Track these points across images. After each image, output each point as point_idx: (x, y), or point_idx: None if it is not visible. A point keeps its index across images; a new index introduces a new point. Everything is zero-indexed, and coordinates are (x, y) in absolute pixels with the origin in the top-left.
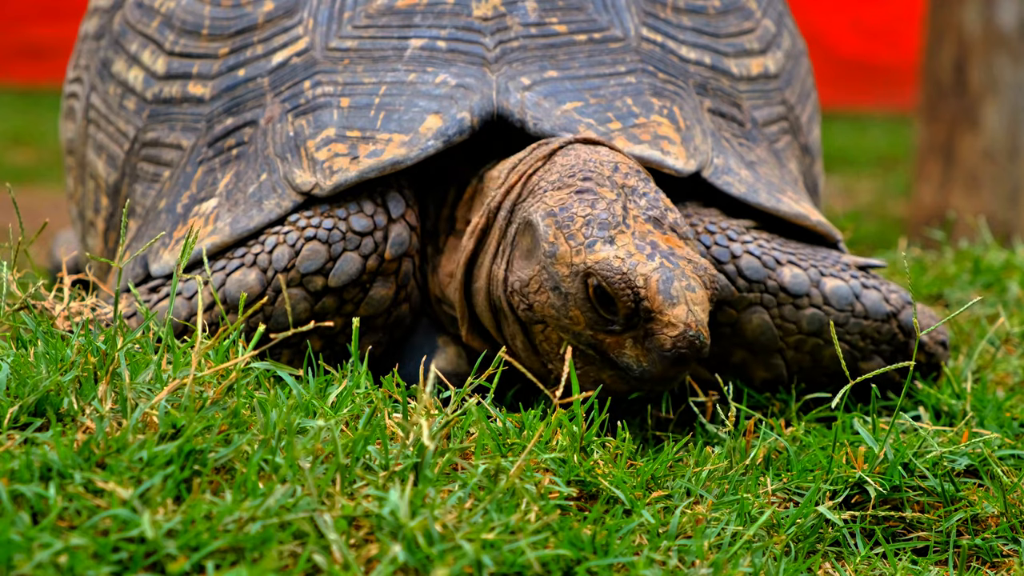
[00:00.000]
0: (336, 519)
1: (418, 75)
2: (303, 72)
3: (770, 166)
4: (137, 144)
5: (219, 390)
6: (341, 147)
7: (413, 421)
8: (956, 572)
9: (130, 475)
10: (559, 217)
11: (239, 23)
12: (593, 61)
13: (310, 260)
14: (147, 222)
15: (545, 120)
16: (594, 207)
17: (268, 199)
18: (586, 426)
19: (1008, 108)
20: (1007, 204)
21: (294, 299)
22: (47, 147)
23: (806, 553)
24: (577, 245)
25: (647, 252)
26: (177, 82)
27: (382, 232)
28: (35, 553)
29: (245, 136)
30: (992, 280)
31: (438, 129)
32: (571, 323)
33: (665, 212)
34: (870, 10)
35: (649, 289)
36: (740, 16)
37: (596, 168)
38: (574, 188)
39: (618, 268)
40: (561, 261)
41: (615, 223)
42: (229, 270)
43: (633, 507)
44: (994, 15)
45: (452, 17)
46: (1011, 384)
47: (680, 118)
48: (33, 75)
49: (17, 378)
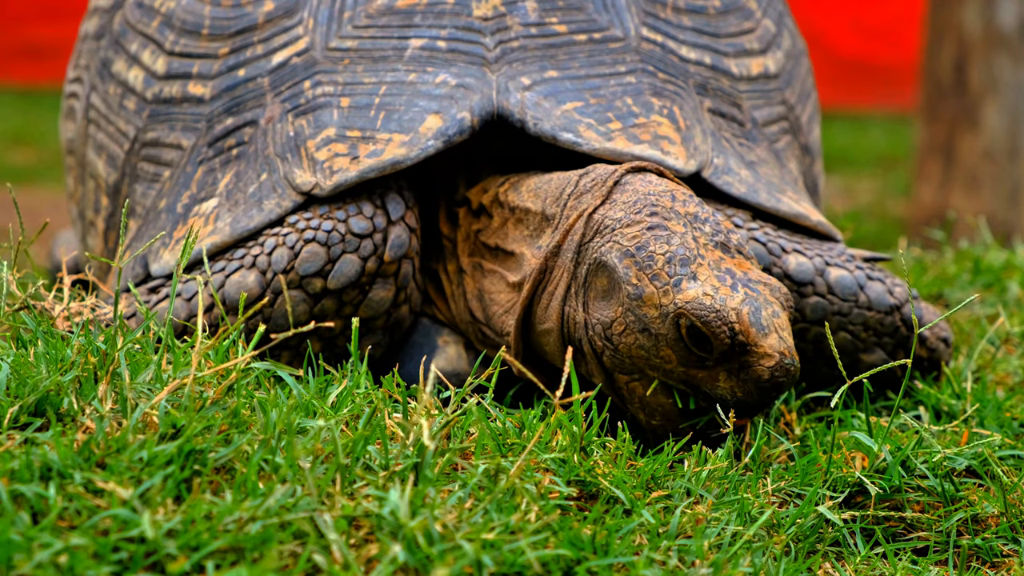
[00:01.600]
0: (336, 519)
1: (418, 75)
2: (303, 72)
3: (770, 166)
4: (137, 144)
5: (219, 390)
6: (341, 147)
7: (413, 421)
8: (956, 572)
9: (130, 475)
10: (638, 257)
11: (239, 23)
12: (593, 61)
13: (309, 262)
14: (147, 222)
15: (545, 120)
16: (670, 243)
17: (268, 199)
18: (586, 426)
19: (1008, 108)
20: (1007, 204)
21: (293, 301)
22: (47, 147)
23: (806, 553)
24: (663, 286)
25: (729, 283)
26: (177, 82)
27: (381, 234)
28: (35, 553)
29: (245, 136)
30: (992, 280)
31: (438, 129)
32: (662, 362)
33: (728, 235)
34: (870, 10)
35: (742, 323)
36: (740, 16)
37: (658, 200)
38: (644, 224)
39: (711, 306)
40: (648, 303)
41: (693, 257)
42: (228, 271)
43: (633, 507)
44: (994, 15)
45: (452, 17)
46: (1011, 384)
47: (680, 118)
48: (33, 75)
49: (17, 378)
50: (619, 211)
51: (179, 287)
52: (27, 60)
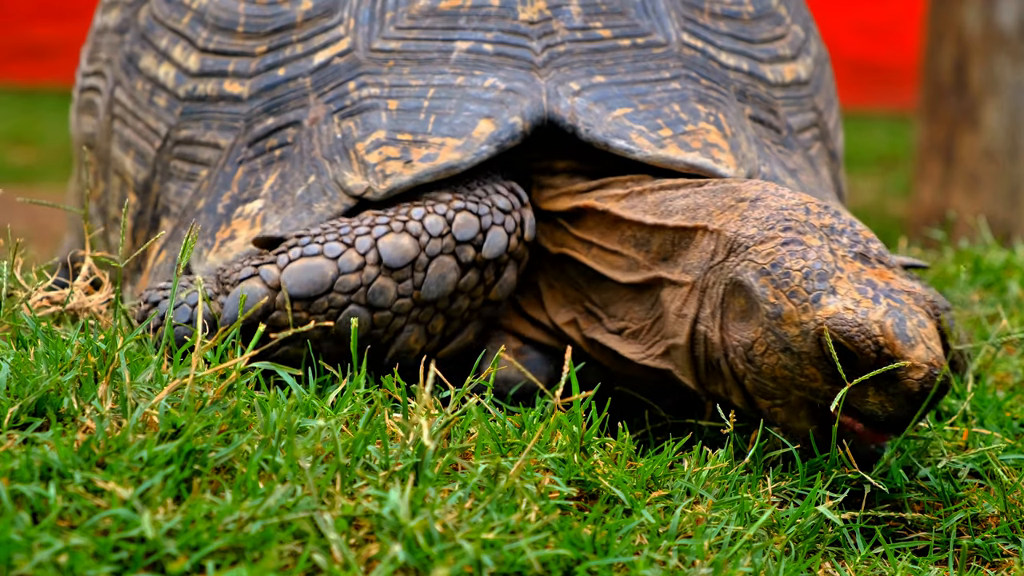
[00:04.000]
0: (336, 519)
1: (466, 78)
2: (347, 73)
3: (808, 173)
4: (169, 141)
5: (219, 390)
6: (393, 150)
7: (413, 421)
8: (956, 572)
9: (130, 475)
10: (773, 275)
11: (276, 21)
12: (638, 67)
13: (465, 228)
14: (183, 222)
15: (596, 126)
16: (806, 258)
17: (318, 202)
18: (586, 426)
19: (1008, 108)
20: (1007, 204)
21: (446, 267)
22: (47, 147)
23: (806, 553)
24: (801, 302)
25: (870, 295)
26: (212, 80)
27: (519, 214)
28: (35, 553)
29: (288, 137)
30: (992, 280)
31: (491, 134)
32: (807, 380)
33: (868, 244)
34: (871, 10)
35: (887, 336)
36: (772, 22)
37: (791, 214)
38: (779, 240)
39: (852, 320)
40: (788, 321)
41: (831, 271)
42: (377, 235)
43: (633, 507)
44: (994, 15)
45: (498, 20)
46: (1011, 384)
47: (726, 125)
48: (33, 75)
49: (17, 378)
50: (751, 227)
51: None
52: (27, 60)
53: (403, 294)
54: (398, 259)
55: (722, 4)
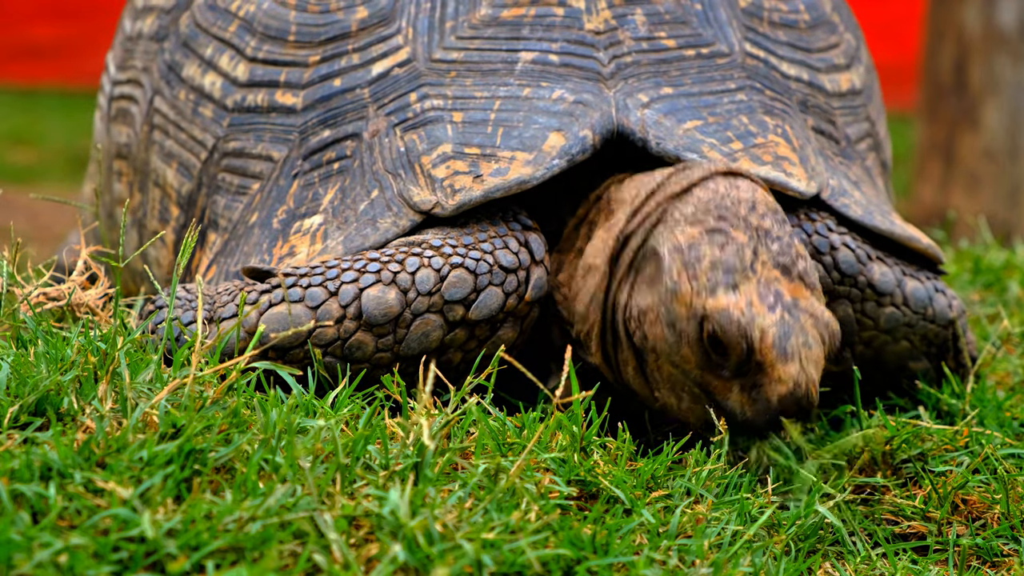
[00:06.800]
0: (336, 519)
1: (533, 90)
2: (407, 84)
3: (867, 185)
4: (217, 153)
5: (219, 390)
6: (461, 164)
7: (413, 421)
8: (956, 572)
9: (130, 475)
10: (686, 255)
11: (330, 30)
12: (704, 77)
13: (456, 287)
14: (235, 236)
15: (668, 139)
16: (723, 250)
17: (383, 217)
18: (586, 426)
19: (1008, 108)
20: (1007, 204)
21: (431, 325)
22: (47, 147)
23: (806, 553)
24: (699, 287)
25: (769, 303)
26: (262, 90)
27: (525, 272)
28: (35, 552)
29: (347, 150)
30: (992, 280)
31: (561, 148)
32: (681, 360)
33: (796, 259)
34: (870, 10)
35: (764, 343)
36: (827, 30)
37: (732, 207)
38: (707, 226)
39: (736, 318)
40: (681, 300)
41: (742, 268)
42: (363, 284)
43: (633, 507)
44: (994, 15)
45: (563, 30)
46: (1011, 384)
47: (793, 137)
48: (33, 75)
49: (17, 378)
50: (690, 207)
51: (299, 292)
52: (27, 60)
53: (383, 348)
54: (380, 316)
55: (780, 12)
